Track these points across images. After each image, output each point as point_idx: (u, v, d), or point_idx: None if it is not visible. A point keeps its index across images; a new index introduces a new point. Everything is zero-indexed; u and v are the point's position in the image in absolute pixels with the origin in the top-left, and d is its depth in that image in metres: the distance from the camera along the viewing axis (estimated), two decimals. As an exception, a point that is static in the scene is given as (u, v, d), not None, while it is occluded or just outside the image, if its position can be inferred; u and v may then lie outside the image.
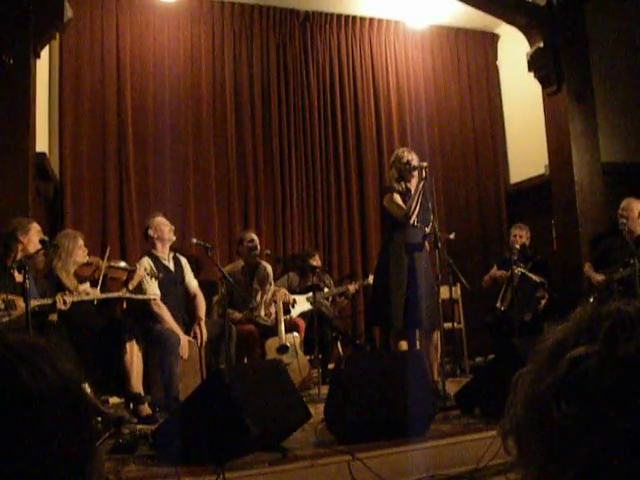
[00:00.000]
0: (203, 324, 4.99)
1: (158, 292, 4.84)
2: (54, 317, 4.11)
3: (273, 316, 5.51)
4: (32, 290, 3.88)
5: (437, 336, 4.68)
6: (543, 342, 0.63)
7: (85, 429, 0.62)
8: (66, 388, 0.61)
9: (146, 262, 4.91)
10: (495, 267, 6.09)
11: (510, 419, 0.63)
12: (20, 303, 3.83)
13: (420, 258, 4.68)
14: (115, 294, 4.59)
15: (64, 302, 4.05)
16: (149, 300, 4.76)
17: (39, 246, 4.14)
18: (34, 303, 3.94)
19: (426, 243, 4.73)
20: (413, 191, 4.68)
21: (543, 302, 5.67)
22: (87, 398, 0.64)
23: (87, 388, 3.55)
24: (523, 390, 0.62)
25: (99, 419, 3.48)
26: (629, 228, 5.33)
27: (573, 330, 0.61)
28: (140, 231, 5.88)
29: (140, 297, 4.70)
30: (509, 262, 5.49)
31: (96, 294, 4.43)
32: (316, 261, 6.12)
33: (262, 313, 5.64)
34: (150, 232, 5.08)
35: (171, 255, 5.15)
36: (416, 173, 4.71)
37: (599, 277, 5.39)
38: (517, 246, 5.72)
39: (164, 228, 5.08)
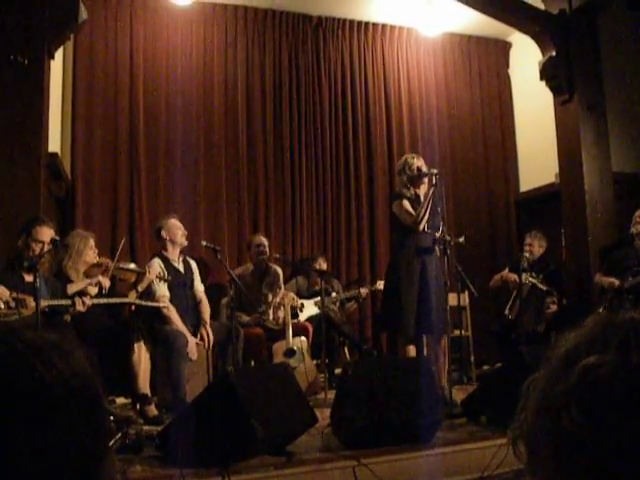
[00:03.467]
0: (209, 327, 4.99)
1: (167, 294, 4.84)
2: (68, 318, 4.12)
3: (281, 320, 5.52)
4: (42, 290, 3.89)
5: (445, 342, 4.67)
6: (555, 349, 0.63)
7: (99, 426, 0.62)
8: (81, 384, 0.61)
9: (157, 264, 4.90)
10: (507, 269, 6.04)
11: (520, 425, 0.63)
12: (31, 302, 3.83)
13: (430, 262, 4.67)
14: (127, 299, 4.59)
15: (83, 303, 4.06)
16: (160, 308, 4.74)
17: (47, 246, 4.12)
18: (53, 303, 3.95)
19: (436, 248, 4.71)
20: (423, 198, 4.67)
21: (553, 307, 5.64)
22: (101, 395, 0.65)
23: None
24: (534, 396, 0.62)
25: (112, 418, 3.50)
26: None
27: (586, 338, 0.61)
28: (150, 232, 5.90)
29: (151, 304, 4.68)
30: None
31: (109, 298, 4.43)
32: (319, 264, 6.09)
33: (270, 317, 5.65)
34: (163, 233, 5.06)
35: (181, 258, 5.15)
36: (426, 180, 4.71)
37: (610, 279, 5.31)
38: (527, 255, 5.69)
39: (177, 231, 5.07)
